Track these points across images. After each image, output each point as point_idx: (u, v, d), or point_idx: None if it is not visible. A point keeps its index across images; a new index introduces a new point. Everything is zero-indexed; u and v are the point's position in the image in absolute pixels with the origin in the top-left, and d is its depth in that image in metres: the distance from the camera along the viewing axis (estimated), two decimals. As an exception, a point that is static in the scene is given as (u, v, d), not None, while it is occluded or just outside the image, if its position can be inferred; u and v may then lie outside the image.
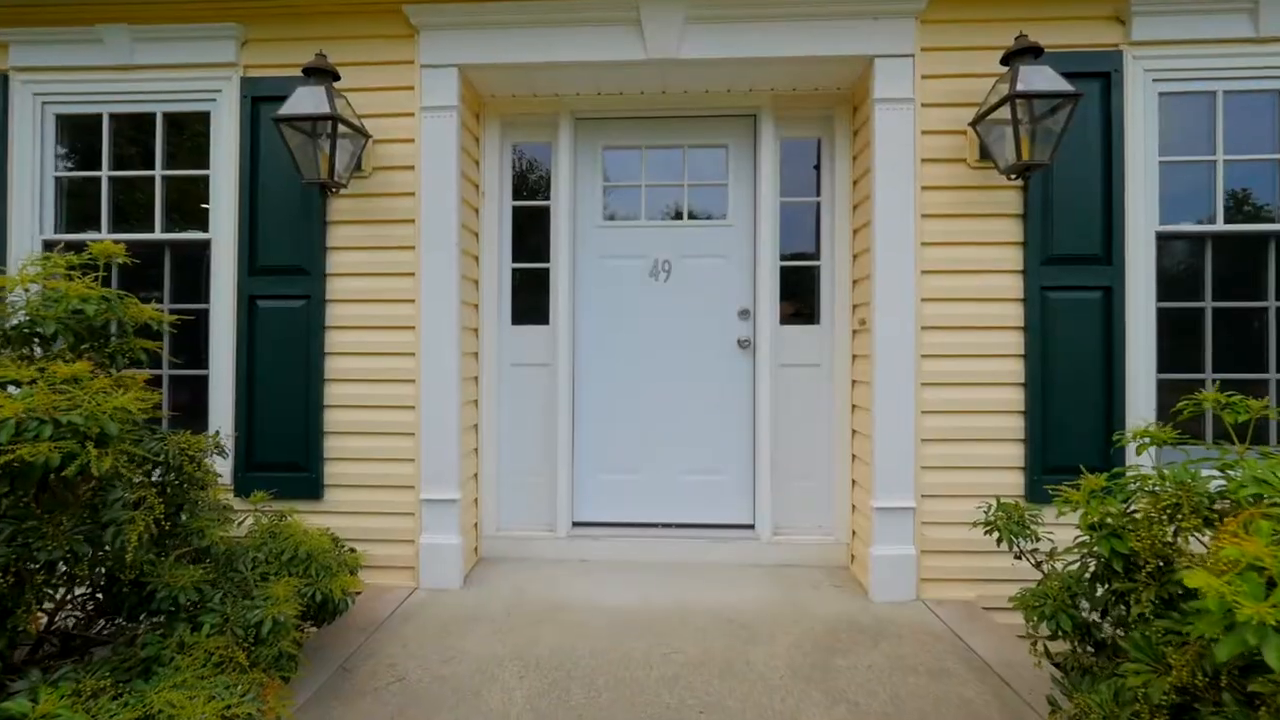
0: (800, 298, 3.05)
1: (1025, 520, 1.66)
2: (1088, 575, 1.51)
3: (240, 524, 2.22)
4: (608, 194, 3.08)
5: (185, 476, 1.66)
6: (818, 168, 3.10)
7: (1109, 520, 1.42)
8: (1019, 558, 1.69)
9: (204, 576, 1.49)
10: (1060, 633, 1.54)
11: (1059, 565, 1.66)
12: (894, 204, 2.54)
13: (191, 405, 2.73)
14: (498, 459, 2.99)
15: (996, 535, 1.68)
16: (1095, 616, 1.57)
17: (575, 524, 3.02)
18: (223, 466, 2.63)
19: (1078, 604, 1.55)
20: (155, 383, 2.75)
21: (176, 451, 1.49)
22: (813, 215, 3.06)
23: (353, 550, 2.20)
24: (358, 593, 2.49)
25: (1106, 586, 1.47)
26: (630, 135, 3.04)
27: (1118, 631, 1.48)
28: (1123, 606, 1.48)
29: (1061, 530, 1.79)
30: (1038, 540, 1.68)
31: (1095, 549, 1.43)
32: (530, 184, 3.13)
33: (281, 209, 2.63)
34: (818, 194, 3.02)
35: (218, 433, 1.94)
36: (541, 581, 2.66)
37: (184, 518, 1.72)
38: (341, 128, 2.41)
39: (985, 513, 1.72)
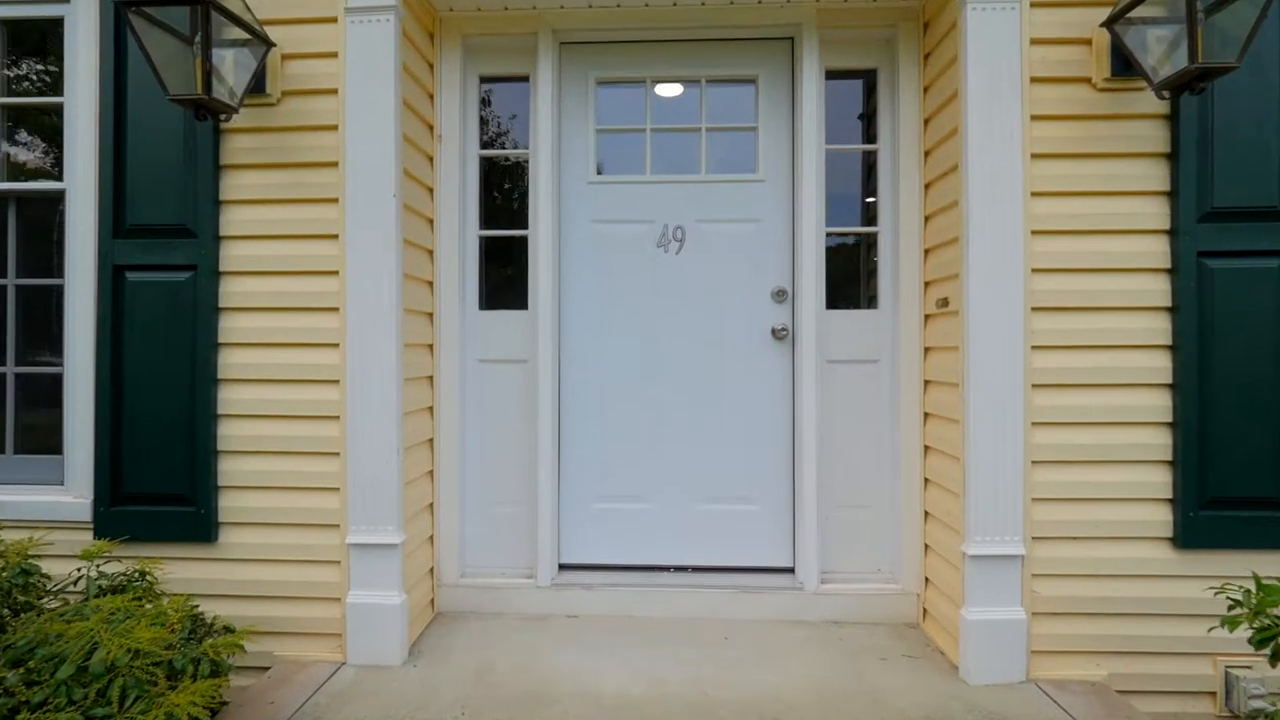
0: (851, 275, 2.37)
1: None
2: None
3: (77, 582, 1.55)
4: (602, 141, 2.39)
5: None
6: (863, 117, 2.42)
7: None
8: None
9: None
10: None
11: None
12: (992, 139, 1.85)
13: (50, 415, 2.04)
14: (461, 484, 2.30)
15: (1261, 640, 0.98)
16: None
17: (562, 567, 2.33)
18: (78, 497, 1.95)
19: None
20: (-2, 385, 2.06)
21: None
22: (861, 169, 2.39)
23: (229, 630, 1.51)
24: (261, 670, 1.80)
25: None
26: (631, 64, 2.35)
27: None
28: None
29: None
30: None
31: None
32: (503, 128, 2.44)
33: (159, 150, 1.93)
34: (873, 140, 2.34)
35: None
36: (515, 651, 1.97)
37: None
38: (231, 30, 1.73)
39: (1239, 602, 1.03)
